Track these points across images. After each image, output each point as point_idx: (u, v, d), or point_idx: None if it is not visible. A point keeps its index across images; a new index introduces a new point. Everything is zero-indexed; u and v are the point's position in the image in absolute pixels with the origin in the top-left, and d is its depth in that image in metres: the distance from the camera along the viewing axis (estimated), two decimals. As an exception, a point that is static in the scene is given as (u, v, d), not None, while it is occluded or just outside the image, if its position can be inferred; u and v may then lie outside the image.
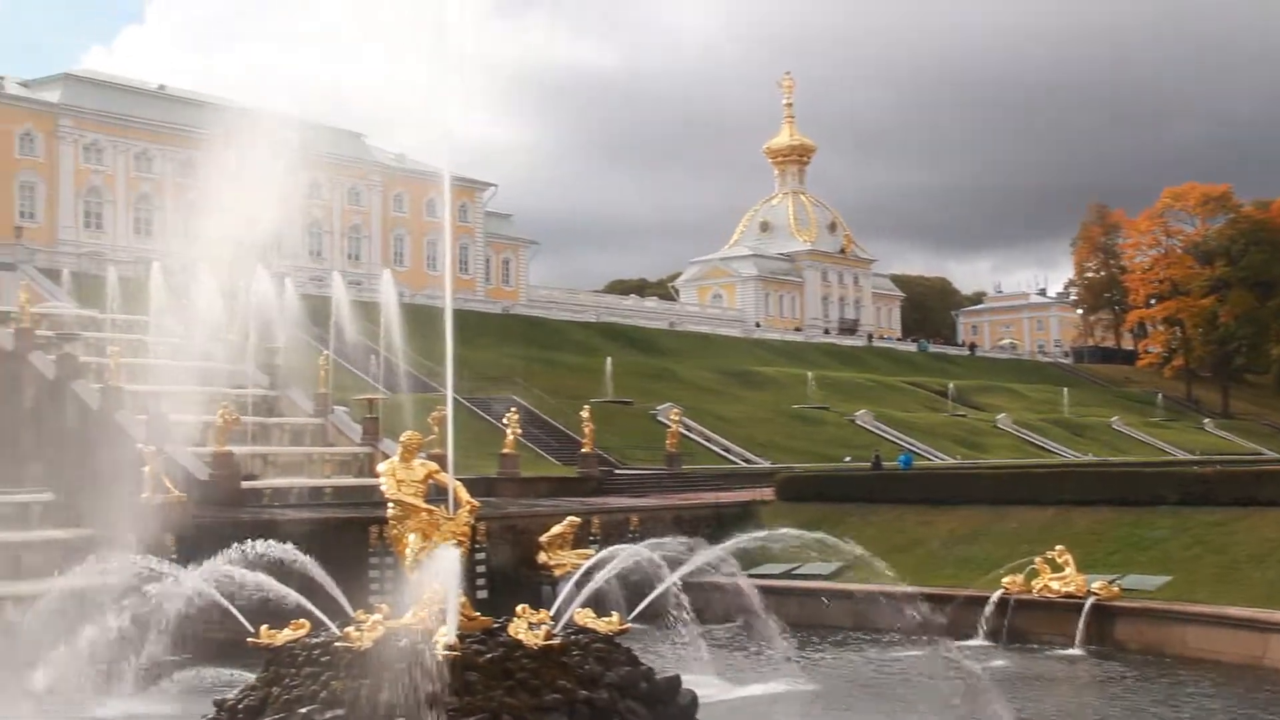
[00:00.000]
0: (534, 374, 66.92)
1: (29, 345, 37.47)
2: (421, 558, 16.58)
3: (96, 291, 49.35)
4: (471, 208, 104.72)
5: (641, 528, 33.20)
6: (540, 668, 15.25)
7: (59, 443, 35.39)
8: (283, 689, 15.53)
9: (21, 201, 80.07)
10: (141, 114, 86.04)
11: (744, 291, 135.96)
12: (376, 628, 15.62)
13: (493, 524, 30.28)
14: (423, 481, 17.12)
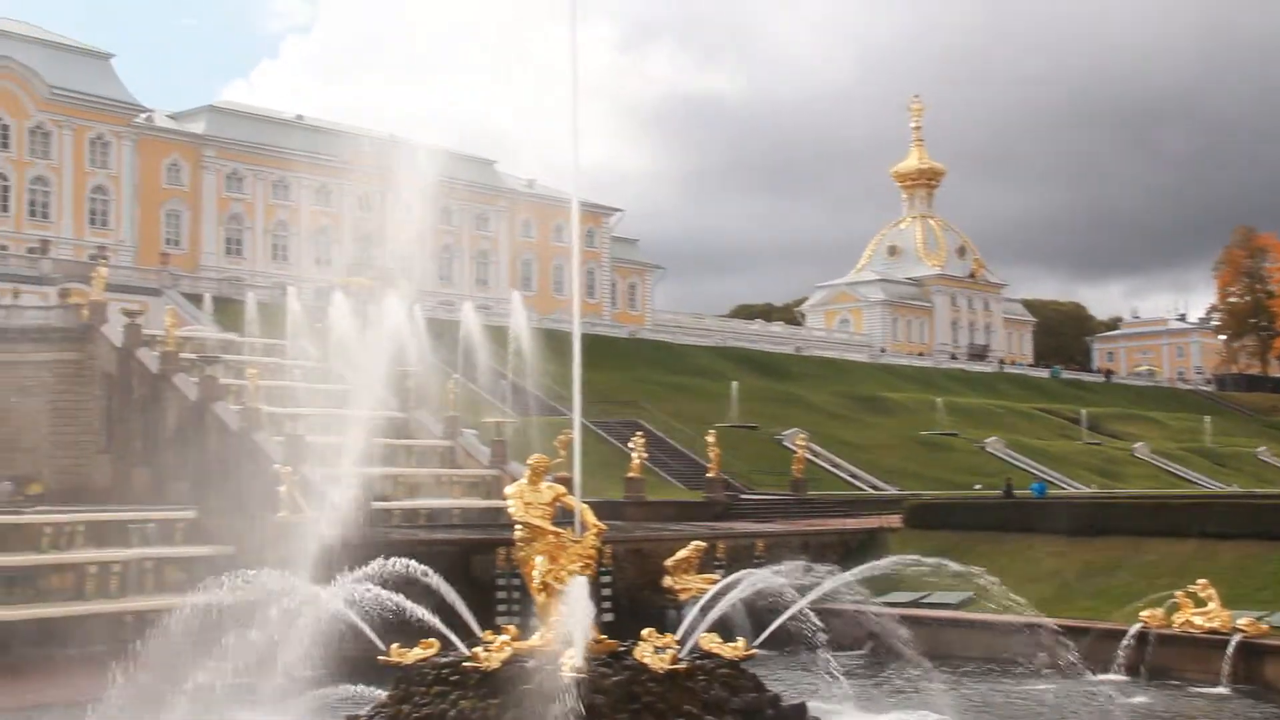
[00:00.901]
0: (659, 398, 66.99)
1: (173, 367, 38.68)
2: (548, 580, 16.69)
3: (236, 315, 50.83)
4: (598, 233, 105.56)
5: (767, 553, 32.93)
6: (666, 692, 15.23)
7: (201, 462, 36.42)
8: (412, 707, 15.75)
9: (168, 229, 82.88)
10: (279, 143, 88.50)
11: (871, 316, 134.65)
12: (504, 649, 15.76)
13: (618, 547, 30.31)
14: (550, 504, 17.25)
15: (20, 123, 76.40)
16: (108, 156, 79.98)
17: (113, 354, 41.08)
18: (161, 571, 30.43)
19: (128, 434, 39.86)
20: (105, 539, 30.90)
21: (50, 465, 41.67)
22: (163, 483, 37.63)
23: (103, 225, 79.27)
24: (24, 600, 28.00)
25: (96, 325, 42.30)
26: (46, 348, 42.64)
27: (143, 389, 39.66)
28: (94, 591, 29.06)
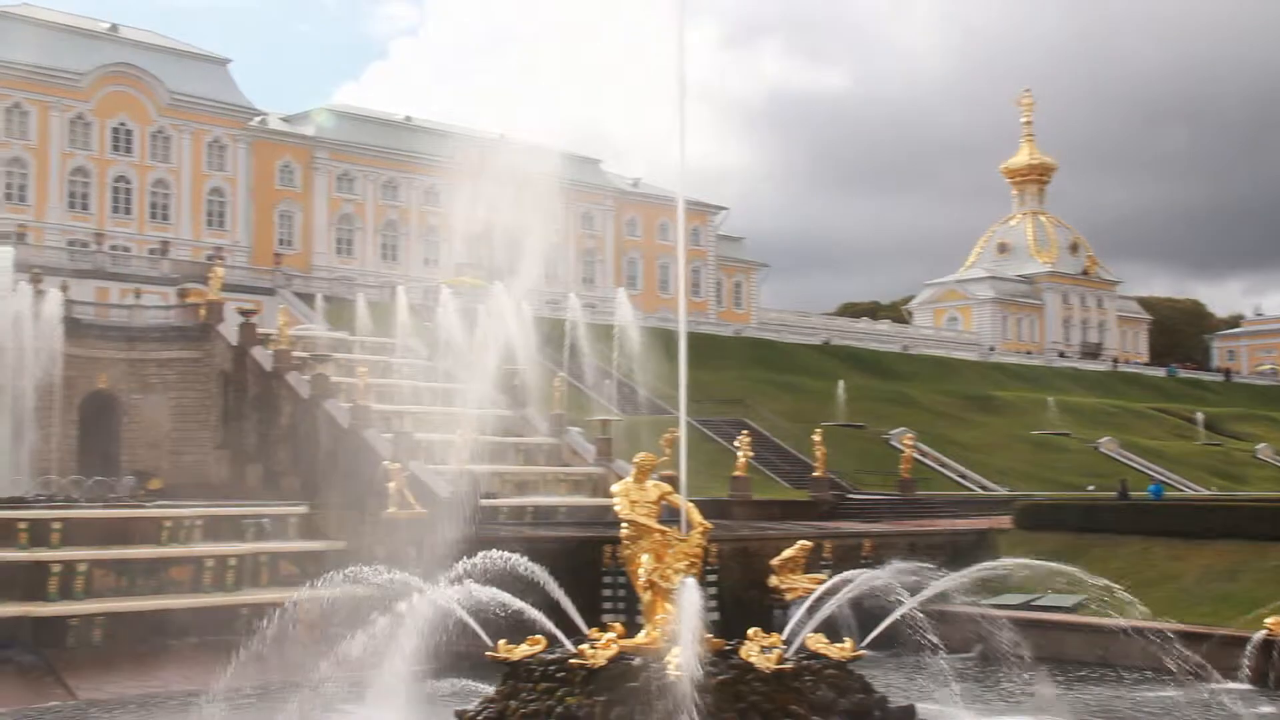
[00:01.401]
0: (765, 397, 66.73)
1: (286, 366, 39.44)
2: (654, 578, 16.69)
3: (346, 314, 51.67)
4: (704, 231, 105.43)
5: (874, 553, 32.62)
6: (772, 692, 15.15)
7: (312, 458, 37.10)
8: (520, 703, 15.86)
9: (281, 230, 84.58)
10: (389, 144, 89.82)
11: (980, 314, 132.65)
12: (610, 646, 15.80)
13: (724, 546, 30.23)
14: (656, 502, 17.24)
15: (143, 128, 78.53)
16: (224, 159, 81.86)
17: (229, 352, 42.02)
18: (275, 566, 31.08)
19: (243, 430, 40.74)
20: (221, 533, 31.60)
21: (170, 461, 42.79)
22: (276, 478, 38.43)
23: (219, 226, 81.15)
24: (146, 592, 28.75)
25: (214, 324, 43.29)
26: (167, 346, 43.79)
27: (257, 387, 40.51)
28: (211, 584, 29.75)
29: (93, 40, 78.56)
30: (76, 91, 75.75)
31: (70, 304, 42.34)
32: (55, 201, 74.67)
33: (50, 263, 56.37)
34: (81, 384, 42.25)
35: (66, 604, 27.31)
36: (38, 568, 27.52)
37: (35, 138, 74.48)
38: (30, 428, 37.42)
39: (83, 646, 26.89)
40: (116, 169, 77.40)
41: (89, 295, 51.66)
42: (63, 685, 25.41)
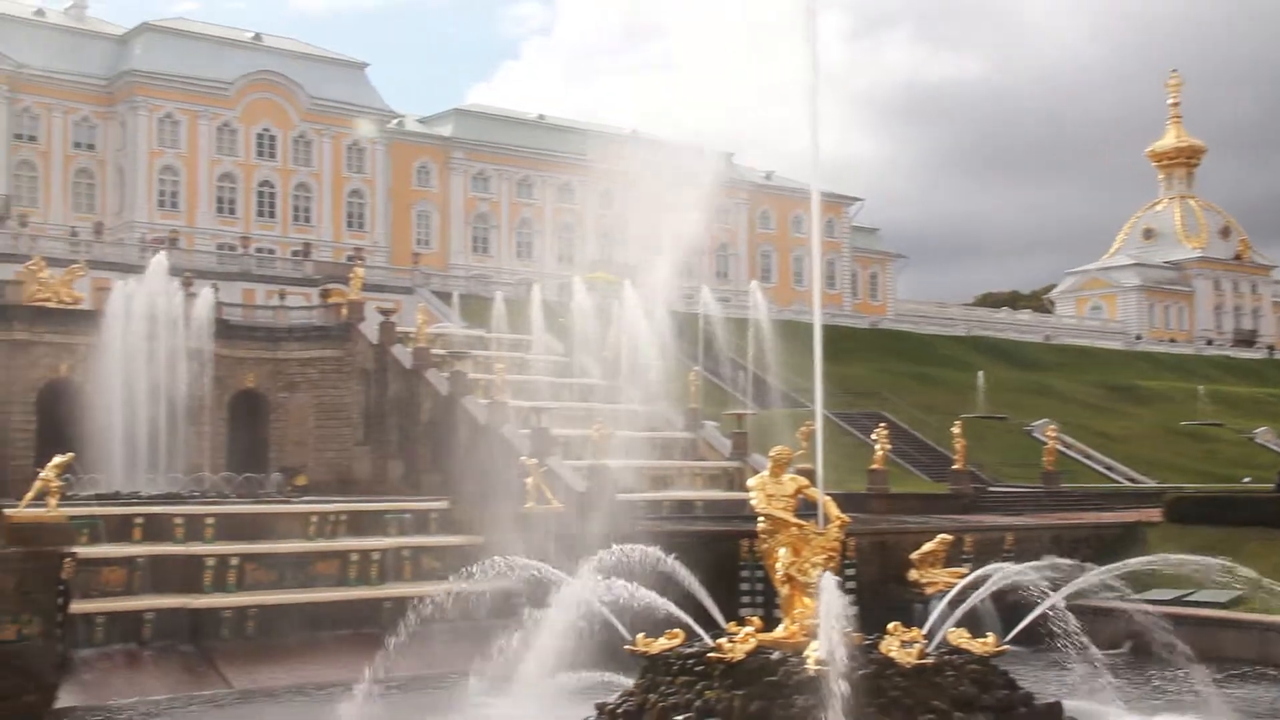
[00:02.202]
0: (902, 389, 65.87)
1: (425, 363, 40.15)
2: (792, 572, 16.60)
3: (483, 312, 52.39)
4: (838, 223, 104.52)
5: (1017, 547, 31.97)
6: (913, 686, 14.96)
7: (451, 454, 37.71)
8: (659, 696, 15.91)
9: (418, 230, 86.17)
10: (523, 143, 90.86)
11: (1126, 302, 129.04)
12: (748, 640, 15.76)
13: (862, 539, 29.93)
14: (792, 496, 17.15)
15: (285, 133, 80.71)
16: (363, 161, 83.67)
17: (370, 351, 42.92)
18: (417, 560, 31.65)
19: (384, 427, 41.59)
20: (365, 528, 32.32)
21: (315, 458, 43.89)
22: (417, 474, 39.17)
23: (359, 227, 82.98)
24: (294, 585, 29.52)
25: (355, 324, 44.25)
26: (310, 346, 44.91)
27: (397, 385, 41.32)
28: (356, 578, 30.42)
29: (238, 50, 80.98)
30: (223, 100, 78.15)
31: (220, 306, 43.68)
32: (205, 207, 77.16)
33: (200, 266, 58.21)
34: (231, 383, 43.56)
35: (220, 596, 28.17)
36: (193, 561, 28.46)
37: (185, 146, 77.05)
38: (184, 426, 38.68)
39: (236, 637, 27.71)
40: (261, 174, 79.70)
41: (236, 297, 53.28)
42: (218, 674, 26.25)
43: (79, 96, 75.96)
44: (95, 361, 37.44)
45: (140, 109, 75.41)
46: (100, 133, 76.71)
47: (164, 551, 28.56)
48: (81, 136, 76.26)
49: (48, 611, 22.91)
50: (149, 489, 33.73)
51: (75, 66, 75.79)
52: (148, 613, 27.01)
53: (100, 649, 25.90)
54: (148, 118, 75.59)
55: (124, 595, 27.37)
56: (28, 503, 23.90)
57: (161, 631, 27.00)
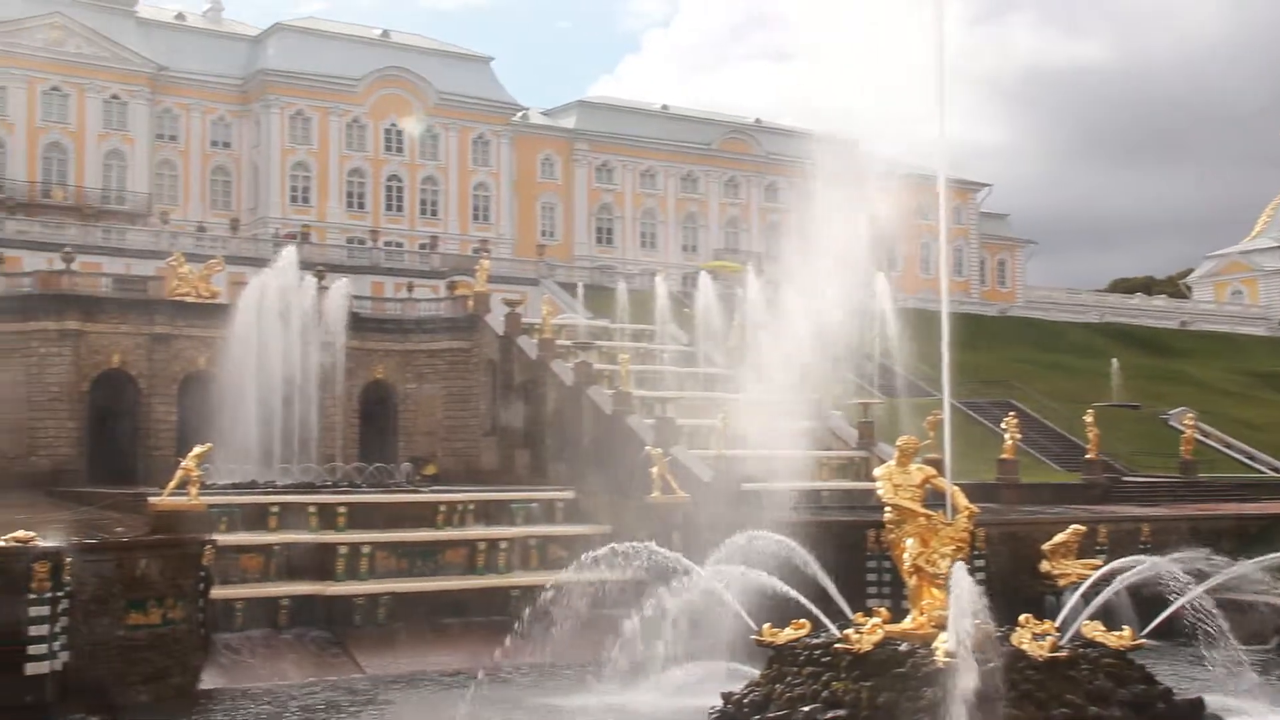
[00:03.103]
0: (1032, 377, 64.60)
1: (550, 354, 40.47)
2: (919, 563, 16.39)
3: (607, 302, 52.61)
4: (965, 209, 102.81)
5: (1153, 539, 31.20)
6: (1046, 680, 14.68)
7: (577, 444, 37.96)
8: (785, 686, 15.85)
9: (543, 222, 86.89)
10: (645, 134, 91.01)
11: (1269, 286, 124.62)
12: (876, 631, 15.61)
13: (992, 530, 29.44)
14: (919, 486, 16.93)
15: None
16: (488, 155, 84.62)
17: (496, 342, 43.40)
18: (544, 549, 31.93)
19: (510, 418, 42.01)
20: (492, 518, 32.70)
21: (444, 448, 44.56)
22: (543, 464, 39.50)
23: (484, 220, 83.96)
24: (424, 573, 30.00)
25: (481, 315, 44.78)
26: (439, 337, 45.59)
27: (523, 375, 41.71)
28: (484, 566, 30.79)
29: (366, 47, 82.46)
30: (352, 96, 79.67)
31: (350, 299, 44.53)
32: (335, 202, 78.78)
33: (331, 260, 59.50)
34: (361, 375, 44.42)
35: (353, 584, 28.74)
36: (326, 549, 29.08)
37: (316, 142, 78.73)
38: (317, 417, 39.54)
39: (368, 624, 28.26)
40: (389, 168, 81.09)
41: (366, 290, 54.31)
42: (352, 660, 26.81)
43: (216, 96, 78.08)
44: (232, 354, 38.46)
45: (273, 107, 77.26)
46: (236, 131, 78.78)
47: (299, 539, 29.21)
48: (218, 135, 78.38)
49: (190, 596, 23.64)
50: (284, 478, 34.53)
51: (212, 67, 77.91)
52: (284, 599, 27.69)
53: (240, 633, 26.63)
54: (280, 115, 77.40)
55: (261, 581, 28.09)
56: (170, 491, 24.66)
57: (297, 617, 27.66)
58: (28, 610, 20.56)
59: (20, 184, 69.74)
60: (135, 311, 41.57)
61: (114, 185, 73.08)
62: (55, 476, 38.50)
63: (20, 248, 54.04)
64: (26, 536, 21.01)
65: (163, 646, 22.86)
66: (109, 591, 22.21)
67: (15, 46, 70.68)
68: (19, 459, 39.43)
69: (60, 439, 39.95)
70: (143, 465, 39.58)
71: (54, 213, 66.44)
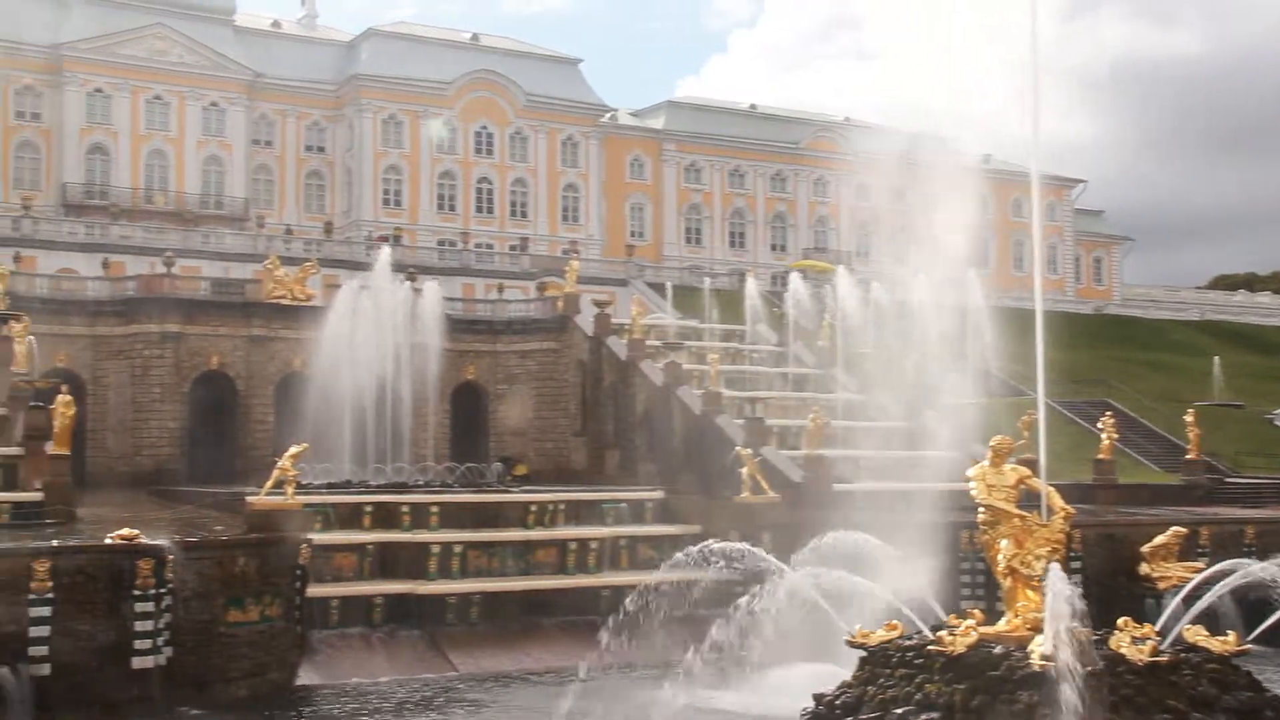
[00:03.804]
0: (1130, 376, 63.39)
1: (640, 354, 40.54)
2: (1014, 564, 16.15)
3: (696, 302, 52.59)
4: (1059, 206, 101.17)
5: (1258, 541, 30.46)
6: (1146, 685, 14.37)
7: (666, 444, 37.97)
8: (877, 688, 15.69)
9: (632, 222, 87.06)
10: (734, 133, 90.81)
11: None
12: (969, 633, 15.39)
13: (1088, 532, 28.94)
14: (1014, 487, 16.67)
15: (502, 129, 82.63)
16: (577, 156, 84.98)
17: (585, 343, 43.58)
18: (634, 549, 31.99)
19: (600, 418, 42.18)
20: (582, 518, 32.83)
21: (534, 448, 44.87)
22: (632, 464, 39.58)
23: (573, 221, 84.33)
24: (515, 573, 30.21)
25: (570, 316, 45.00)
26: (528, 338, 45.93)
27: (612, 375, 41.83)
28: (574, 566, 30.92)
29: (456, 50, 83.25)
30: (443, 99, 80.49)
31: (441, 301, 44.98)
32: (426, 204, 79.65)
33: (422, 262, 60.15)
34: (452, 376, 44.88)
35: (445, 583, 29.01)
36: (419, 548, 29.39)
37: (408, 146, 79.66)
38: (409, 418, 39.99)
39: (460, 622, 28.51)
40: (479, 170, 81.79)
41: (456, 292, 54.83)
42: (444, 658, 27.08)
43: (310, 101, 79.33)
44: (326, 355, 39.05)
45: (366, 111, 78.31)
46: (329, 135, 79.98)
47: (392, 539, 29.59)
48: (312, 140, 79.64)
49: (287, 594, 24.04)
50: (377, 478, 34.98)
51: (307, 73, 79.17)
52: (377, 597, 28.05)
53: (335, 631, 27.03)
54: (373, 119, 78.43)
55: (355, 580, 28.49)
56: (267, 491, 25.08)
57: (390, 615, 27.99)
58: (133, 606, 21.08)
59: (124, 190, 71.47)
60: (233, 314, 42.44)
61: (212, 190, 74.62)
62: (157, 475, 39.44)
63: (124, 252, 55.39)
64: (131, 534, 21.52)
65: (261, 643, 23.26)
66: (209, 589, 22.67)
67: (120, 57, 72.46)
68: (124, 458, 40.48)
69: (162, 439, 40.92)
70: (240, 464, 40.37)
71: (156, 218, 67.94)
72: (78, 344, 41.03)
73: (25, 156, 71.35)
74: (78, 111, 71.67)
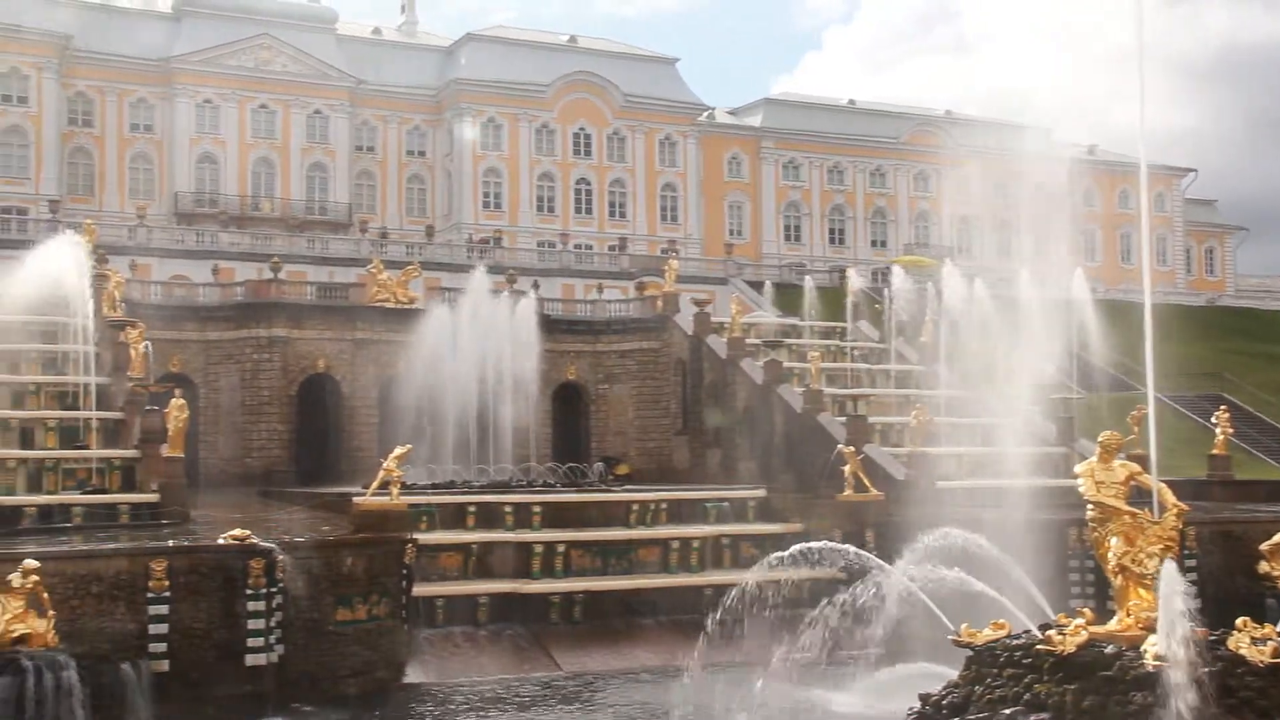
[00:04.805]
0: (1246, 369, 61.77)
1: (740, 353, 40.44)
2: (1125, 563, 15.82)
3: (795, 300, 52.32)
4: (1168, 196, 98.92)
5: (1386, 539, 29.37)
6: (1268, 687, 13.97)
7: (767, 443, 37.84)
8: (985, 689, 15.47)
9: (730, 220, 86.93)
10: (832, 129, 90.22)
11: None
12: (1079, 633, 15.11)
13: (1203, 529, 28.23)
14: (1123, 483, 16.32)
15: (600, 130, 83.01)
16: (674, 155, 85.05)
17: (685, 342, 43.58)
18: (736, 548, 31.89)
19: (701, 417, 42.14)
20: (684, 517, 32.80)
21: (636, 447, 45.00)
22: (734, 463, 39.51)
23: (672, 221, 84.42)
24: (618, 572, 30.28)
25: (670, 315, 45.03)
26: (628, 338, 46.06)
27: (713, 374, 41.79)
28: (677, 565, 30.90)
29: (554, 53, 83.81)
30: (541, 102, 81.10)
31: (541, 302, 45.33)
32: (526, 206, 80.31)
33: (522, 264, 60.66)
34: (553, 376, 45.19)
35: (548, 582, 29.17)
36: (522, 548, 29.60)
37: (507, 148, 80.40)
38: (511, 418, 40.32)
39: (564, 621, 28.66)
40: (577, 171, 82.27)
41: (556, 292, 55.22)
42: (549, 657, 27.24)
43: (411, 107, 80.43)
44: (429, 357, 39.52)
45: (465, 115, 79.15)
46: (430, 140, 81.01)
47: (495, 538, 29.81)
48: (413, 144, 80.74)
49: (394, 594, 24.36)
50: (480, 478, 35.31)
51: (407, 79, 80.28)
52: (482, 596, 28.28)
53: (440, 630, 27.31)
54: (472, 123, 79.26)
55: (460, 580, 28.76)
56: (373, 492, 25.45)
57: (495, 614, 28.21)
58: (246, 605, 21.55)
59: (232, 198, 73.13)
60: (338, 318, 43.17)
61: (317, 196, 76.02)
62: (267, 476, 40.28)
63: (233, 259, 56.67)
64: (243, 535, 22.01)
65: (369, 641, 23.61)
66: (318, 588, 23.07)
67: (228, 68, 74.18)
68: (234, 460, 41.40)
69: (271, 441, 41.76)
70: (346, 465, 41.05)
71: (263, 224, 69.49)
72: (190, 349, 42.05)
73: (139, 167, 73.35)
74: (188, 122, 73.51)
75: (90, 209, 65.59)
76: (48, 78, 69.76)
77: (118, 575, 20.78)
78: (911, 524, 26.29)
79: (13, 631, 18.92)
